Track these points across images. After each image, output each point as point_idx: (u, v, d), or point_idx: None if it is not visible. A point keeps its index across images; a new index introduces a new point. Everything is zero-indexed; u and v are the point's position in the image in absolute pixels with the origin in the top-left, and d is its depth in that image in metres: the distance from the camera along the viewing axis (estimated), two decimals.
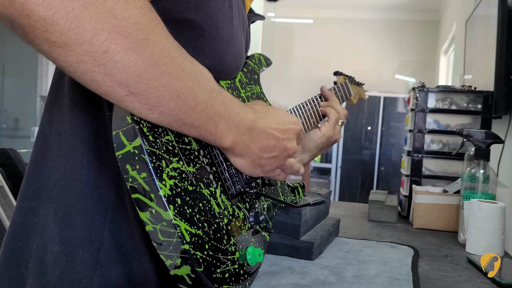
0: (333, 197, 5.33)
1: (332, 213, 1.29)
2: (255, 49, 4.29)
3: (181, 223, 0.49)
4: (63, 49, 0.39)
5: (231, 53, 0.64)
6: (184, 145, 0.55)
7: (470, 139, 1.07)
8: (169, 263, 0.49)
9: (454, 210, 1.16)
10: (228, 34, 0.62)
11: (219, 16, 0.61)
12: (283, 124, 0.63)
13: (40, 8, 0.37)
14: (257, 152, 0.59)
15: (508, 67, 1.66)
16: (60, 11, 0.37)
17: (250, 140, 0.58)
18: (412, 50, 5.96)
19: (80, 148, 0.57)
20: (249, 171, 0.61)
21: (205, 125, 0.51)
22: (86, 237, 0.55)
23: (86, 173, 0.56)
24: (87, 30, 0.39)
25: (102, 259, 0.55)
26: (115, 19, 0.40)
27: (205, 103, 0.50)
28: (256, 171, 0.61)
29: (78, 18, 0.38)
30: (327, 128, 0.91)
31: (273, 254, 0.85)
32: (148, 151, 0.49)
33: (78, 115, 0.58)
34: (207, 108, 0.50)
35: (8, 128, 4.62)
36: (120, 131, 0.49)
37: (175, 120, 0.48)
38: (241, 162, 0.59)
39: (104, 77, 0.42)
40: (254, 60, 0.79)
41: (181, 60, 0.47)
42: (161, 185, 0.48)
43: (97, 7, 0.39)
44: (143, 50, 0.42)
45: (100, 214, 0.56)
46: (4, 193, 2.32)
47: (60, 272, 0.55)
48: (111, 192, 0.56)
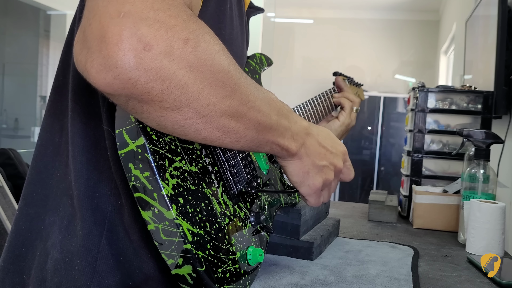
0: (333, 197, 5.33)
1: (332, 213, 1.29)
2: (255, 49, 4.29)
3: (183, 223, 0.49)
4: (173, 111, 0.43)
5: (233, 53, 0.64)
6: (187, 144, 0.55)
7: (470, 139, 1.08)
8: (171, 262, 0.49)
9: (454, 210, 1.17)
10: (229, 35, 0.63)
11: (221, 17, 0.62)
12: (331, 140, 0.65)
13: (158, 83, 0.40)
14: (312, 157, 0.61)
15: (508, 67, 1.66)
16: (173, 81, 0.41)
17: (308, 144, 0.61)
18: (412, 50, 5.96)
19: (79, 157, 0.58)
20: (300, 178, 0.61)
21: (276, 139, 0.55)
22: (84, 245, 0.56)
23: (85, 183, 0.57)
24: (194, 91, 0.42)
25: (99, 267, 0.55)
26: (213, 74, 0.44)
27: (276, 122, 0.54)
28: (308, 180, 0.62)
29: (187, 83, 0.42)
30: (344, 117, 1.00)
31: (273, 254, 0.85)
32: (151, 150, 0.49)
33: (79, 125, 0.59)
34: (278, 125, 0.54)
35: (8, 128, 4.62)
36: (123, 130, 0.49)
37: (255, 144, 0.52)
38: (296, 168, 0.60)
39: (205, 126, 0.45)
40: (255, 60, 0.79)
41: (256, 90, 0.50)
42: (164, 184, 0.48)
43: (199, 68, 0.42)
44: (235, 93, 0.46)
45: (98, 223, 0.56)
46: (4, 193, 2.32)
47: (59, 279, 0.56)
48: (109, 201, 0.57)
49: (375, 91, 5.62)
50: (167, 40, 0.40)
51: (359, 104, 1.04)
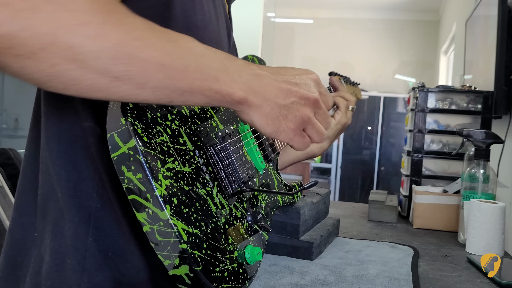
0: (333, 197, 5.33)
1: (332, 213, 1.28)
2: (255, 49, 4.29)
3: (178, 223, 0.49)
4: (31, 59, 0.39)
5: (208, 39, 0.64)
6: (179, 146, 0.55)
7: (470, 139, 1.07)
8: (168, 263, 0.49)
9: (454, 210, 1.16)
10: (201, 21, 0.62)
11: (189, 5, 0.61)
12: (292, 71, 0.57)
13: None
14: (273, 98, 0.53)
15: (508, 67, 1.66)
16: (13, 25, 0.37)
17: (260, 84, 0.53)
18: (412, 50, 5.96)
19: (56, 160, 0.58)
20: (271, 127, 0.54)
21: (205, 83, 0.48)
22: (72, 245, 0.56)
23: (65, 184, 0.57)
24: (45, 33, 0.39)
25: (88, 265, 0.55)
26: (67, 13, 0.39)
27: (195, 63, 0.47)
28: (281, 126, 0.54)
29: (33, 25, 0.38)
30: (340, 116, 1.01)
31: (273, 254, 0.85)
32: (143, 151, 0.49)
33: (53, 128, 0.59)
34: (199, 67, 0.48)
35: (8, 128, 4.62)
36: (114, 133, 0.50)
37: (172, 91, 0.46)
38: (261, 117, 0.53)
39: (81, 72, 0.41)
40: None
41: (151, 31, 0.46)
42: (156, 185, 0.48)
43: (46, 7, 0.39)
44: (108, 31, 0.41)
45: (83, 222, 0.56)
46: (4, 193, 2.32)
47: (51, 282, 0.56)
48: (92, 199, 0.57)
49: (375, 91, 5.62)
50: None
51: (354, 103, 1.04)
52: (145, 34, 0.44)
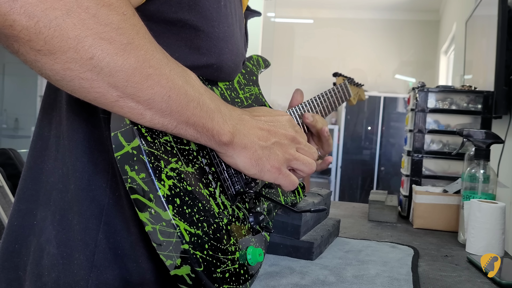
0: (333, 197, 5.33)
1: (332, 213, 1.29)
2: (255, 49, 4.29)
3: (180, 223, 0.49)
4: (48, 57, 0.40)
5: (229, 51, 0.64)
6: (183, 146, 0.55)
7: (470, 139, 1.07)
8: (169, 263, 0.49)
9: (454, 210, 1.16)
10: (224, 32, 0.62)
11: (214, 14, 0.61)
12: (268, 115, 0.62)
13: (22, 18, 0.37)
14: (256, 140, 0.57)
15: (508, 67, 1.66)
16: (42, 20, 0.38)
17: (245, 128, 0.56)
18: (412, 50, 5.96)
19: (74, 150, 0.57)
20: (255, 168, 0.57)
21: (200, 120, 0.51)
22: (82, 239, 0.55)
23: (80, 176, 0.56)
24: (71, 38, 0.39)
25: (97, 261, 0.55)
26: (98, 25, 0.41)
27: (197, 99, 0.50)
28: (265, 166, 0.57)
29: (61, 26, 0.39)
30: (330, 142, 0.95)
31: (273, 254, 0.85)
32: (146, 151, 0.49)
33: (72, 117, 0.58)
34: (199, 104, 0.50)
35: (8, 128, 4.63)
36: (118, 132, 0.50)
37: (168, 122, 0.49)
38: (244, 159, 0.56)
39: (91, 84, 0.42)
40: (252, 61, 0.79)
41: (167, 61, 0.48)
42: (160, 185, 0.49)
43: (79, 14, 0.39)
44: (129, 54, 0.43)
45: (95, 217, 0.56)
46: (4, 193, 2.32)
47: (56, 274, 0.55)
48: (105, 194, 0.56)
49: (375, 91, 5.62)
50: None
51: (327, 125, 0.95)
52: (160, 63, 0.46)
